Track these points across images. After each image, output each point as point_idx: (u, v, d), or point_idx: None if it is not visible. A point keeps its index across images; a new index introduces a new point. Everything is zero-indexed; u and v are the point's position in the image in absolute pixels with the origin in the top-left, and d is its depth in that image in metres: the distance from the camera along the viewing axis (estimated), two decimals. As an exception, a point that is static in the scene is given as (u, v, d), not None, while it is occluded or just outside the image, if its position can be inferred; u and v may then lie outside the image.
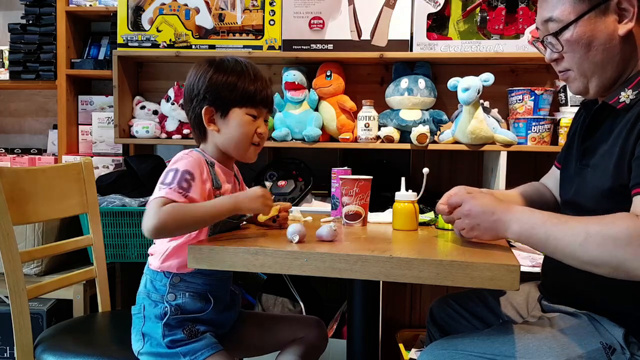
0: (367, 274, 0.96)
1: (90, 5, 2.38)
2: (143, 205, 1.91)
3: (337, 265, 0.97)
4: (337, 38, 2.02)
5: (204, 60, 1.23)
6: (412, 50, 2.00)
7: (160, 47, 2.09)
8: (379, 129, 2.00)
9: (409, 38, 2.00)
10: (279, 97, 2.10)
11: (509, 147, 1.91)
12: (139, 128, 2.14)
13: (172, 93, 2.13)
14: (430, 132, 1.94)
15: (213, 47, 2.07)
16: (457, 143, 1.95)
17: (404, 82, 2.00)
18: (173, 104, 2.11)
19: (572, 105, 1.96)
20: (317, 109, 2.08)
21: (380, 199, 1.76)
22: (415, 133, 1.91)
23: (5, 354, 2.02)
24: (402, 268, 0.95)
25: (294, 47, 2.04)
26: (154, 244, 1.23)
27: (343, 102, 2.04)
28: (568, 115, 1.94)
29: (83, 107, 2.49)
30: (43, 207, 1.43)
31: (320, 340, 1.37)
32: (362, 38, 2.02)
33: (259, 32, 2.07)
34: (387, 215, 1.40)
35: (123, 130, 2.16)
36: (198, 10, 2.09)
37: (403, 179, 1.31)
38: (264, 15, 2.04)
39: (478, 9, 1.98)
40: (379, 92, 2.11)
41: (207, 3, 2.08)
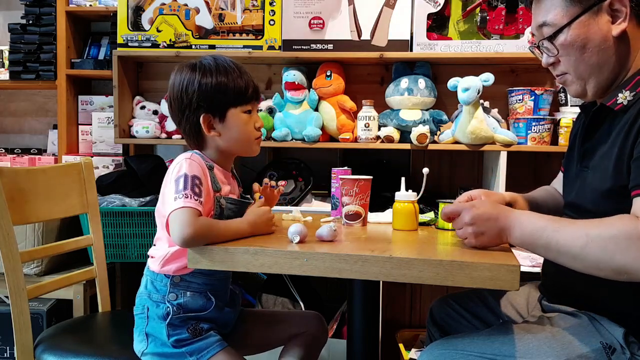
0: (367, 274, 0.96)
1: (90, 5, 2.38)
2: (143, 205, 1.91)
3: (337, 265, 0.97)
4: (337, 38, 2.02)
5: (182, 67, 1.19)
6: (412, 50, 2.00)
7: (160, 47, 2.09)
8: (379, 129, 2.00)
9: (409, 38, 2.00)
10: (279, 97, 2.10)
11: (509, 147, 1.91)
12: (139, 128, 2.14)
13: (172, 93, 2.13)
14: (430, 132, 1.94)
15: (213, 47, 2.07)
16: (457, 143, 1.95)
17: (404, 82, 2.00)
18: (173, 104, 2.11)
19: (572, 105, 1.96)
20: (317, 109, 2.08)
21: (380, 199, 1.77)
22: (415, 133, 1.91)
23: (5, 354, 2.02)
24: (402, 268, 0.95)
25: (294, 47, 2.04)
26: (154, 247, 1.24)
27: (343, 102, 2.04)
28: (568, 115, 1.94)
29: (83, 107, 2.48)
30: (43, 207, 1.43)
31: (322, 333, 1.39)
32: (362, 38, 2.02)
33: (259, 32, 2.06)
34: (387, 215, 1.40)
35: (123, 130, 2.16)
36: (198, 10, 2.08)
37: (403, 179, 1.31)
38: (264, 15, 2.04)
39: (478, 9, 1.98)
40: (379, 92, 2.11)
41: (207, 3, 2.07)
